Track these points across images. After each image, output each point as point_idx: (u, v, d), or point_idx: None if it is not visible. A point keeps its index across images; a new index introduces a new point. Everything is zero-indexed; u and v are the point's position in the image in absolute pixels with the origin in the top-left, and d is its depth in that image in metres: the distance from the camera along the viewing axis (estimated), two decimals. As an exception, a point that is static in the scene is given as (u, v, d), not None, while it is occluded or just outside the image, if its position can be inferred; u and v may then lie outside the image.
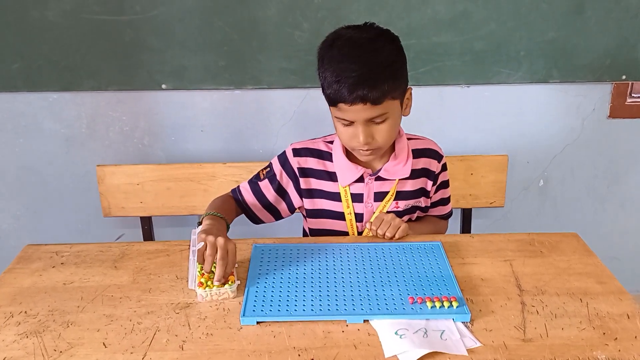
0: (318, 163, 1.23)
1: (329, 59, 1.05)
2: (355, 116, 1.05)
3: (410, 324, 0.89)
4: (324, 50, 1.07)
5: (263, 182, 1.25)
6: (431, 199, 1.29)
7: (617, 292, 0.98)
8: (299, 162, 1.22)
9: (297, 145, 1.24)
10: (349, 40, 1.05)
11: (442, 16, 1.60)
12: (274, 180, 1.24)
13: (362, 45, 1.04)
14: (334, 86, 1.02)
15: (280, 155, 1.26)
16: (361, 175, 1.19)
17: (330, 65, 1.04)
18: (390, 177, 1.20)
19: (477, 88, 1.72)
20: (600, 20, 1.63)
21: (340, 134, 1.12)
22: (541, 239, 1.16)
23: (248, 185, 1.26)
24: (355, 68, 1.01)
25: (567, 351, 0.84)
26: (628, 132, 1.81)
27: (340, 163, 1.20)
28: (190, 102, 1.71)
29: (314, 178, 1.23)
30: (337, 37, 1.07)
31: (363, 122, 1.06)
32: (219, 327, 0.89)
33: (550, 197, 1.89)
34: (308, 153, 1.23)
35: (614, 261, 1.87)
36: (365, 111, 1.03)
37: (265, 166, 1.27)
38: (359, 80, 1.00)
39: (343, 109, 1.04)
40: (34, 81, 1.64)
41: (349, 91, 1.01)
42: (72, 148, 1.75)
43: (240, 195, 1.26)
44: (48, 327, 0.89)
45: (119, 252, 1.12)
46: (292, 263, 1.06)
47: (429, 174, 1.25)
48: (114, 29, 1.58)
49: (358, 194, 1.21)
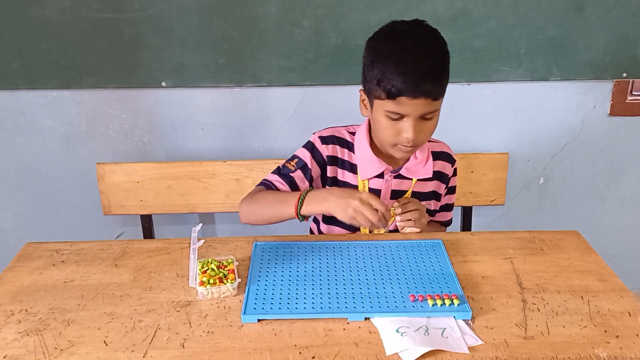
0: (342, 152, 1.20)
1: (388, 51, 1.02)
2: (412, 111, 1.02)
3: (411, 321, 0.89)
4: (379, 42, 1.04)
5: (296, 173, 1.18)
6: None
7: (618, 289, 0.98)
8: (327, 150, 1.19)
9: (323, 133, 1.21)
10: (409, 34, 1.03)
11: (442, 14, 1.60)
12: (306, 170, 1.19)
13: (424, 39, 1.03)
14: (398, 78, 0.99)
15: (306, 145, 1.21)
16: (382, 171, 1.18)
17: (391, 58, 1.00)
18: (411, 175, 1.19)
19: (478, 86, 1.72)
20: (600, 17, 1.62)
21: (383, 129, 1.08)
22: (542, 236, 1.16)
23: (281, 178, 1.18)
24: (423, 62, 0.99)
25: (569, 349, 0.84)
26: (628, 130, 1.81)
27: (363, 155, 1.18)
28: (190, 100, 1.71)
29: (338, 167, 1.21)
30: (391, 30, 1.05)
31: (416, 117, 1.03)
32: (220, 325, 0.89)
33: (551, 195, 1.89)
34: (335, 141, 1.20)
35: (613, 259, 1.88)
36: (425, 106, 1.02)
37: (290, 158, 1.21)
38: (426, 74, 0.99)
39: (402, 103, 1.01)
40: (33, 79, 1.63)
41: (415, 84, 0.98)
42: (72, 146, 1.75)
43: (276, 189, 1.18)
44: (49, 325, 0.89)
45: (119, 250, 1.12)
46: (293, 261, 1.05)
47: (443, 178, 1.25)
48: (114, 26, 1.58)
49: (376, 189, 1.20)
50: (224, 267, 1.00)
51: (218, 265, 1.00)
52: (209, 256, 1.06)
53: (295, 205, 1.05)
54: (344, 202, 0.99)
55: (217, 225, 1.90)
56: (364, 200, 0.99)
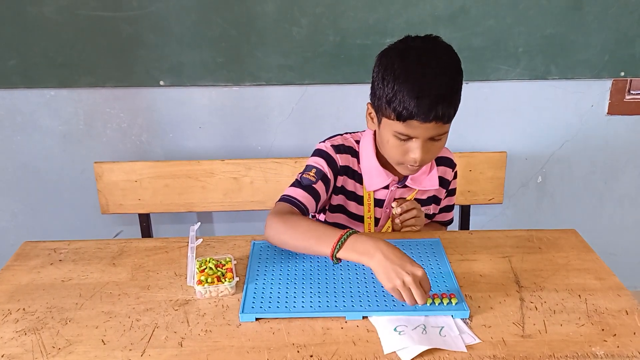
0: (353, 162, 1.18)
1: (401, 71, 0.97)
2: (422, 133, 0.99)
3: (409, 320, 0.89)
4: (392, 59, 0.99)
5: (318, 184, 1.12)
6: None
7: (615, 288, 0.98)
8: (342, 160, 1.16)
9: (335, 142, 1.18)
10: (423, 52, 0.98)
11: (441, 12, 1.60)
12: (327, 180, 1.14)
13: (438, 60, 0.98)
14: (411, 102, 0.95)
15: (319, 154, 1.16)
16: (388, 183, 1.16)
17: (404, 79, 0.96)
18: (416, 186, 1.18)
19: (476, 84, 1.72)
20: (598, 16, 1.62)
21: (391, 148, 1.04)
22: (540, 235, 1.16)
23: (305, 192, 1.10)
24: (437, 85, 0.95)
25: (566, 347, 0.84)
26: (626, 129, 1.81)
27: (370, 167, 1.15)
28: (188, 98, 1.71)
29: (348, 177, 1.18)
30: (405, 47, 1.00)
31: (425, 139, 1.00)
32: (218, 323, 0.89)
33: (549, 194, 1.90)
34: (347, 151, 1.17)
35: (611, 257, 1.87)
36: (436, 129, 0.99)
37: (306, 169, 1.14)
38: (440, 98, 0.95)
39: (413, 126, 0.98)
40: (30, 78, 1.63)
41: (428, 109, 0.95)
42: (70, 145, 1.75)
43: (304, 206, 1.09)
44: (46, 324, 0.89)
45: (117, 249, 1.12)
46: (291, 259, 1.05)
47: (444, 183, 1.25)
48: (111, 25, 1.57)
49: (380, 199, 1.19)
50: (222, 266, 1.00)
51: (216, 264, 1.00)
52: (207, 255, 1.06)
53: (333, 247, 0.92)
54: (393, 268, 0.86)
55: (215, 224, 1.90)
56: (417, 279, 0.86)
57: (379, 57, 1.02)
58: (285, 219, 1.01)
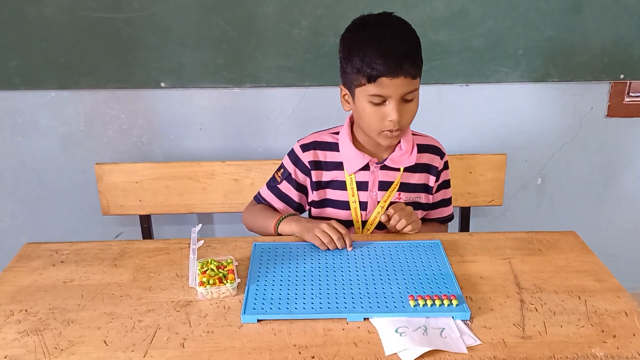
0: (325, 155, 1.25)
1: (365, 39, 1.08)
2: (394, 91, 1.07)
3: (410, 321, 0.89)
4: (355, 33, 1.11)
5: (282, 184, 1.27)
6: (433, 197, 1.30)
7: (615, 289, 0.99)
8: (309, 156, 1.24)
9: (304, 140, 1.27)
10: (382, 22, 1.10)
11: (441, 14, 1.61)
12: (290, 180, 1.26)
13: (397, 25, 1.10)
14: (378, 61, 1.05)
15: (289, 154, 1.28)
16: (367, 163, 1.21)
17: (369, 43, 1.07)
18: (396, 165, 1.22)
19: (476, 86, 1.72)
20: (598, 18, 1.63)
21: (368, 116, 1.12)
22: (540, 237, 1.17)
23: (269, 191, 1.29)
24: (399, 44, 1.06)
25: (566, 348, 0.84)
26: (626, 131, 1.81)
27: (347, 151, 1.22)
28: (189, 100, 1.71)
29: (323, 170, 1.25)
30: (365, 21, 1.12)
31: (398, 98, 1.08)
32: (220, 325, 0.90)
33: (548, 196, 1.90)
34: (316, 146, 1.25)
35: (610, 259, 1.88)
36: (405, 86, 1.07)
37: (278, 168, 1.29)
38: (403, 54, 1.06)
39: (383, 84, 1.06)
40: (31, 79, 1.63)
41: (395, 64, 1.04)
42: (70, 146, 1.75)
43: (267, 202, 1.29)
44: (49, 326, 0.89)
45: (119, 250, 1.12)
46: (292, 261, 1.06)
47: (431, 170, 1.27)
48: (112, 26, 1.58)
49: (363, 182, 1.23)
50: (224, 268, 1.00)
51: (217, 266, 1.00)
52: (208, 256, 1.07)
53: (273, 226, 1.20)
54: (310, 226, 1.13)
55: (216, 225, 1.90)
56: (331, 224, 1.12)
57: (341, 38, 1.14)
58: (250, 211, 1.31)
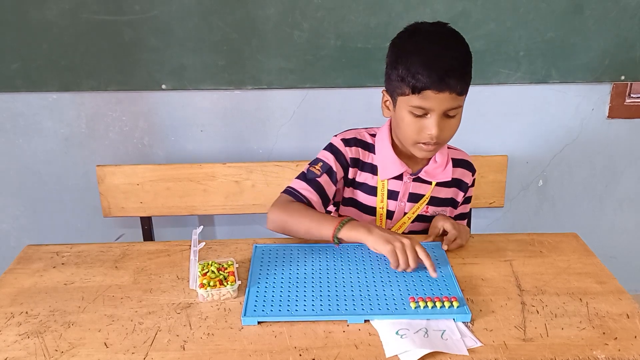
0: (365, 155, 1.21)
1: (413, 47, 1.04)
2: (437, 105, 1.03)
3: (411, 324, 0.89)
4: (404, 40, 1.07)
5: (323, 178, 1.17)
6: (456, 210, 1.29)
7: (616, 291, 0.99)
8: (351, 152, 1.19)
9: (344, 135, 1.21)
10: (433, 32, 1.06)
11: (441, 16, 1.61)
12: (332, 174, 1.18)
13: (449, 37, 1.05)
14: (424, 72, 1.00)
15: (328, 148, 1.20)
16: (401, 172, 1.18)
17: (417, 53, 1.03)
18: (430, 179, 1.19)
19: (477, 88, 1.72)
20: (599, 20, 1.63)
21: (406, 126, 1.08)
22: (541, 239, 1.17)
23: (308, 185, 1.16)
24: (447, 57, 1.02)
25: (567, 350, 0.84)
26: (627, 133, 1.81)
27: (384, 156, 1.18)
28: (190, 102, 1.71)
29: (359, 170, 1.21)
30: (416, 29, 1.07)
31: (440, 113, 1.04)
32: (220, 327, 0.90)
33: (549, 197, 1.90)
34: (358, 143, 1.20)
35: (612, 260, 1.88)
36: (449, 101, 1.03)
37: (314, 162, 1.19)
38: (452, 68, 1.01)
39: (427, 97, 1.02)
40: (33, 81, 1.64)
41: (440, 78, 1.00)
42: (72, 148, 1.75)
43: (304, 198, 1.15)
44: (49, 328, 0.89)
45: (119, 252, 1.12)
46: (293, 263, 1.06)
47: (462, 185, 1.25)
48: (114, 28, 1.58)
49: (394, 191, 1.20)
50: (224, 270, 1.00)
51: (218, 268, 1.00)
52: (208, 258, 1.07)
53: (334, 229, 1.04)
54: (390, 236, 1.01)
55: (217, 227, 1.90)
56: (413, 244, 1.00)
57: (391, 43, 1.09)
58: (286, 207, 1.11)
